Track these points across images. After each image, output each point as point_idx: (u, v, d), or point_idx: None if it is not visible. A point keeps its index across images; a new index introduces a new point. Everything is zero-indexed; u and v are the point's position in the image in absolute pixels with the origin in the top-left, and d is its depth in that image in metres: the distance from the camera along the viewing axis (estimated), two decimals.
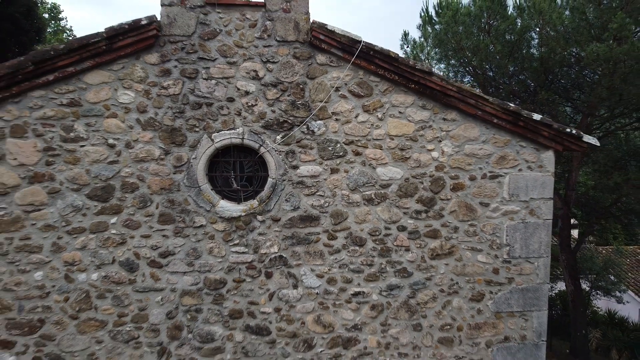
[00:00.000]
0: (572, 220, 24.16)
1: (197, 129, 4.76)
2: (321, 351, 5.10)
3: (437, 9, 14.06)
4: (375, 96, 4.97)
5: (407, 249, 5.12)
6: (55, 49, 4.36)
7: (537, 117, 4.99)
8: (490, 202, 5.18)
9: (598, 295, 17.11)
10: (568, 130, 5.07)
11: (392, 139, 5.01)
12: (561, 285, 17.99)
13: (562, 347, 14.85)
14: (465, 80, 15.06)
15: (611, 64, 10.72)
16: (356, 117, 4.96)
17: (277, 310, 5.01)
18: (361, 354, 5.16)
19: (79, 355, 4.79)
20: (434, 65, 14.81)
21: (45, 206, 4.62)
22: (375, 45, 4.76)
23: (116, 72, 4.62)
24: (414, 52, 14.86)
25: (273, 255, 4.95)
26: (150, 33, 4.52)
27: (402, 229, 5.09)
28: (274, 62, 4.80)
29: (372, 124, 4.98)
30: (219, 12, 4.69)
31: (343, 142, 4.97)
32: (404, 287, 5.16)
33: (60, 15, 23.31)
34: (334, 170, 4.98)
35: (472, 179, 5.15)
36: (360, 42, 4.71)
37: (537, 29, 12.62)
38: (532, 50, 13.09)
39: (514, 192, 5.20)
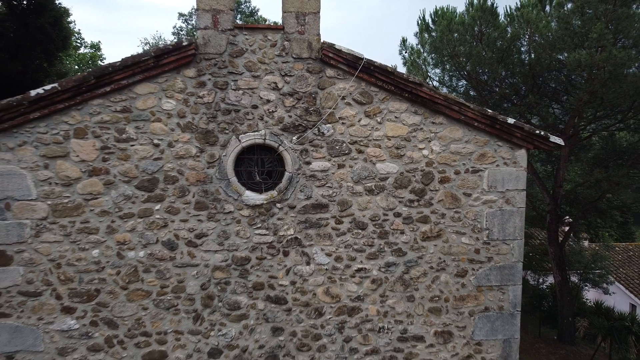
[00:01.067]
0: (567, 218, 25.22)
1: (226, 131, 5.72)
2: (329, 318, 6.06)
3: (433, 17, 15.00)
4: (375, 103, 5.93)
5: (402, 232, 6.08)
6: (113, 65, 5.32)
7: (511, 120, 5.95)
8: (472, 192, 6.14)
9: (587, 287, 18.05)
10: (537, 131, 6.03)
11: (389, 140, 5.97)
12: (552, 279, 18.92)
13: (550, 334, 15.81)
14: (460, 84, 16.01)
15: (592, 70, 11.67)
16: (359, 121, 5.92)
17: (293, 283, 5.97)
18: (363, 321, 6.12)
19: (128, 320, 5.75)
20: (430, 70, 15.76)
21: (101, 195, 5.58)
22: (375, 61, 5.72)
23: (161, 84, 5.57)
24: (412, 57, 15.82)
25: (289, 237, 5.91)
26: (189, 52, 5.48)
27: (397, 215, 6.05)
28: (290, 76, 5.75)
29: (372, 127, 5.94)
30: (245, 34, 5.65)
31: (348, 142, 5.92)
32: (399, 264, 6.12)
33: (69, 19, 24.27)
34: (340, 166, 5.94)
35: (457, 173, 6.11)
36: (362, 59, 5.67)
37: (526, 37, 13.57)
38: (522, 56, 14.02)
39: (492, 184, 6.16)
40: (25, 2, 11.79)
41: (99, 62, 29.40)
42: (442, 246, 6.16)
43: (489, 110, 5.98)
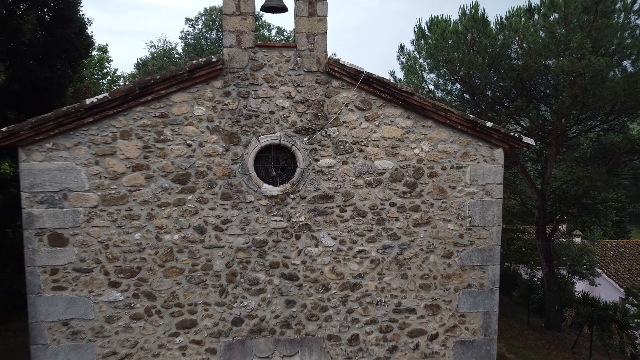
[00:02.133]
0: (560, 215, 26.34)
1: (248, 133, 6.76)
2: (334, 292, 7.11)
3: (428, 25, 16.03)
4: (373, 109, 6.97)
5: (397, 219, 7.12)
6: (154, 79, 6.36)
7: (489, 124, 6.99)
8: (457, 185, 7.18)
9: (575, 280, 19.08)
10: (512, 133, 7.07)
11: (386, 140, 7.01)
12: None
13: (539, 323, 16.84)
14: (455, 87, 17.02)
15: (573, 76, 12.72)
16: (360, 124, 6.96)
17: (304, 262, 7.02)
18: (363, 295, 7.17)
19: (164, 293, 6.79)
20: (426, 75, 16.79)
21: (142, 187, 6.62)
22: (373, 74, 6.76)
23: (193, 93, 6.61)
24: (409, 62, 16.86)
25: (301, 223, 6.95)
26: (217, 67, 6.52)
27: (392, 204, 7.09)
28: (302, 86, 6.80)
29: (371, 130, 6.98)
30: (264, 52, 6.69)
31: (351, 143, 6.97)
32: (394, 247, 7.16)
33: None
34: (344, 163, 6.98)
35: (443, 168, 7.15)
36: (363, 72, 6.71)
37: (515, 44, 14.62)
38: (511, 62, 15.04)
39: (474, 178, 7.20)
40: (52, 13, 12.80)
41: (107, 64, 30.48)
42: (431, 231, 7.20)
43: (470, 115, 7.03)
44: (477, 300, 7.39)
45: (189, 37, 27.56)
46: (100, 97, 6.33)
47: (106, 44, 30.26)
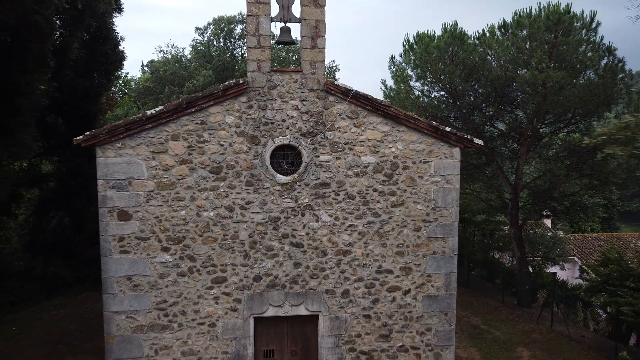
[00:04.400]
0: (546, 212, 28.73)
1: (265, 136, 9.00)
2: (330, 257, 9.34)
3: (415, 39, 18.28)
4: (360, 118, 9.21)
5: (378, 201, 9.35)
6: (197, 95, 8.61)
7: (448, 129, 9.23)
8: (424, 176, 9.42)
9: (548, 265, 21.31)
10: (465, 136, 9.31)
11: (369, 141, 9.25)
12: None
13: (512, 301, 19.07)
14: (439, 94, 19.23)
15: (534, 87, 14.96)
16: (350, 129, 9.20)
17: (307, 234, 9.25)
18: (352, 259, 9.40)
19: (202, 256, 9.01)
20: (413, 83, 19.01)
21: (187, 176, 8.85)
22: (360, 91, 8.99)
23: (225, 106, 8.85)
24: (398, 72, 19.10)
25: (305, 204, 9.19)
26: (243, 87, 8.76)
27: (375, 190, 9.33)
28: (306, 101, 9.03)
29: (358, 133, 9.21)
30: (277, 75, 8.93)
31: (343, 143, 9.20)
32: (376, 222, 9.40)
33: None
34: (338, 158, 9.21)
35: (414, 163, 9.39)
36: (352, 90, 8.95)
37: (490, 57, 16.85)
38: (487, 72, 17.25)
39: (437, 170, 9.43)
40: (91, 33, 15.04)
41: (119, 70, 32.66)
42: (404, 211, 9.44)
43: (434, 122, 9.28)
44: (440, 264, 9.63)
45: (199, 46, 29.74)
46: (157, 109, 8.58)
47: None
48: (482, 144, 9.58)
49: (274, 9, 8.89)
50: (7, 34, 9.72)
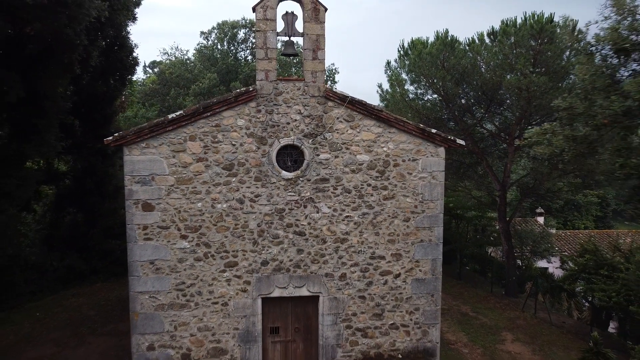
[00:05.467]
0: (540, 209, 29.92)
1: (272, 137, 10.18)
2: (329, 244, 10.52)
3: (409, 46, 19.48)
4: (356, 121, 10.39)
5: (371, 195, 10.54)
6: (212, 101, 9.79)
7: (434, 131, 10.41)
8: (412, 172, 10.61)
9: (536, 259, 22.51)
10: (449, 137, 10.49)
11: (364, 142, 10.43)
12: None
13: (501, 291, 20.26)
14: (432, 97, 20.42)
15: (519, 90, 16.15)
16: (347, 131, 10.38)
17: (309, 223, 10.44)
18: (349, 246, 10.59)
19: (216, 243, 10.20)
20: (408, 86, 20.21)
21: (203, 172, 10.04)
22: (355, 97, 10.17)
23: (236, 110, 10.04)
24: (394, 76, 20.30)
25: (307, 197, 10.37)
26: (252, 93, 9.95)
27: (369, 185, 10.52)
28: (308, 106, 10.22)
29: (354, 134, 10.40)
30: (283, 83, 10.11)
31: (340, 143, 10.38)
32: (370, 213, 10.59)
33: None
34: (336, 157, 10.39)
35: (404, 161, 10.57)
36: (348, 96, 10.13)
37: (477, 64, 18.03)
38: (476, 77, 18.44)
39: (424, 167, 10.62)
40: (108, 41, 16.20)
41: None
42: (395, 203, 10.63)
43: (421, 125, 10.47)
44: (427, 251, 10.82)
45: (204, 49, 30.91)
46: (177, 113, 9.77)
47: None
48: (464, 144, 10.77)
49: (280, 25, 10.09)
50: (40, 45, 10.89)
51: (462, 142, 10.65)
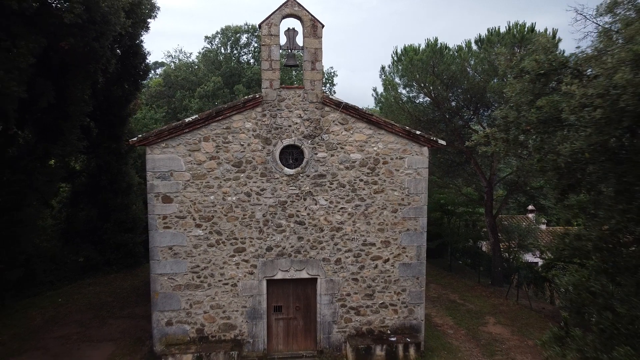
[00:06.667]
0: (531, 207, 31.21)
1: (276, 138, 11.59)
2: (326, 232, 11.93)
3: (402, 52, 20.86)
4: (349, 124, 11.80)
5: (363, 189, 11.95)
6: (224, 107, 11.19)
7: (418, 132, 11.81)
8: (399, 169, 12.02)
9: (522, 252, 23.91)
10: (432, 138, 11.90)
11: (357, 142, 11.84)
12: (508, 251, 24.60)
13: (487, 281, 21.68)
14: (424, 100, 21.81)
15: (502, 95, 17.46)
16: (342, 132, 11.79)
17: (308, 214, 11.84)
18: (344, 234, 12.00)
19: (227, 231, 11.60)
20: (401, 90, 21.61)
21: (215, 169, 11.45)
22: (349, 103, 11.58)
23: (244, 114, 11.44)
24: (387, 80, 21.70)
25: (307, 191, 11.78)
26: (259, 100, 11.36)
27: (361, 180, 11.93)
28: (307, 110, 11.62)
29: (348, 136, 11.80)
30: (285, 90, 11.52)
31: (336, 143, 11.79)
32: (362, 205, 11.99)
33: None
34: (332, 155, 11.80)
35: (392, 159, 11.98)
36: (342, 102, 11.54)
37: (464, 69, 19.40)
38: (464, 81, 19.81)
39: (410, 165, 12.03)
40: (124, 49, 17.60)
41: None
42: (384, 197, 12.03)
43: (407, 127, 11.89)
44: (412, 238, 12.23)
45: (209, 53, 32.31)
46: (193, 117, 11.18)
47: None
48: (445, 143, 12.18)
49: (282, 40, 11.51)
50: (71, 57, 12.29)
51: (443, 142, 12.05)
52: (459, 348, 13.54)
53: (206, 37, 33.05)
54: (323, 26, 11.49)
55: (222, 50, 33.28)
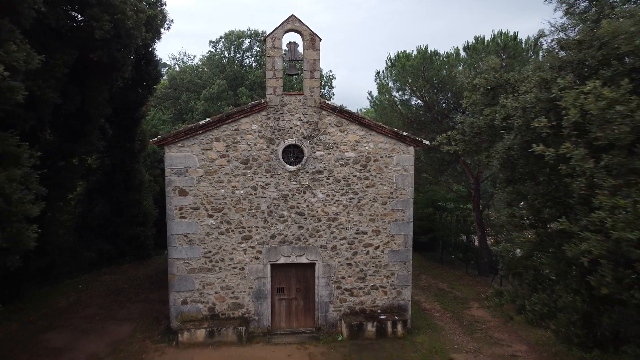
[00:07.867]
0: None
1: (279, 138, 13.11)
2: (323, 222, 13.45)
3: (395, 58, 22.38)
4: (344, 126, 13.32)
5: (356, 184, 13.47)
6: (233, 111, 12.72)
7: (405, 133, 13.33)
8: (388, 166, 13.54)
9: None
10: (417, 138, 13.43)
11: (350, 142, 13.36)
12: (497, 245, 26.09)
13: (475, 272, 23.21)
14: (416, 103, 23.33)
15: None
16: (337, 134, 13.31)
17: (307, 206, 13.36)
18: (339, 224, 13.52)
19: (236, 221, 13.12)
20: (394, 93, 23.13)
21: (225, 166, 12.97)
22: (344, 107, 13.10)
23: (251, 117, 12.96)
24: (382, 84, 23.22)
25: (306, 185, 13.30)
26: (264, 105, 12.88)
27: (354, 176, 13.45)
28: (306, 114, 13.14)
29: (342, 136, 13.32)
30: (287, 96, 13.04)
31: (332, 143, 13.31)
32: (355, 198, 13.52)
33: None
34: (329, 154, 13.31)
35: (382, 157, 13.50)
36: (338, 107, 13.07)
37: (454, 74, 20.89)
38: (452, 86, 21.29)
39: (398, 162, 13.55)
40: (138, 56, 19.09)
41: None
42: (375, 190, 13.55)
43: (395, 129, 13.41)
44: (400, 228, 13.75)
45: (215, 56, 33.82)
46: (206, 120, 12.71)
47: None
48: (429, 143, 13.71)
49: (284, 52, 13.01)
50: (96, 67, 13.82)
51: (427, 142, 13.58)
52: (443, 327, 15.07)
53: (210, 42, 34.59)
54: (320, 40, 13.01)
55: (226, 54, 34.77)
